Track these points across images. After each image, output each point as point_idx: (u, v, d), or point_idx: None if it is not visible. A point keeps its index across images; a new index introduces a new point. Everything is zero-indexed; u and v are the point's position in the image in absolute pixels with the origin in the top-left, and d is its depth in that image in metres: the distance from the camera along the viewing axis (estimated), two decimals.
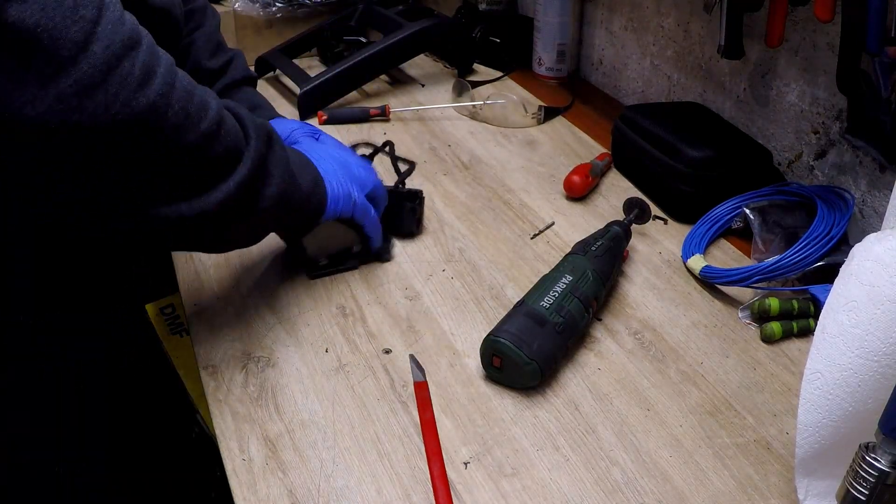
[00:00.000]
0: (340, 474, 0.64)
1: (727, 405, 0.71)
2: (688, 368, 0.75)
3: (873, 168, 0.89)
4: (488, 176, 1.09)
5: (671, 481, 0.63)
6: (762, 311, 0.79)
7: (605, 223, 0.87)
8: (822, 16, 0.80)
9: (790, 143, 1.01)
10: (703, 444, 0.67)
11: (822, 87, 0.93)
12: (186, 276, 0.88)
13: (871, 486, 0.48)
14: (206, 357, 0.76)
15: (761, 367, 0.75)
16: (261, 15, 1.42)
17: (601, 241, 0.82)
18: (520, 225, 0.97)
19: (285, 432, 0.67)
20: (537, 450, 0.66)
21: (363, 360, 0.75)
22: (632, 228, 0.89)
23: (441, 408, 0.70)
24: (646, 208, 0.90)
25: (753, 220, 0.89)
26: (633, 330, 0.80)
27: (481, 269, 0.89)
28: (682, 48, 1.17)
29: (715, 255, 0.91)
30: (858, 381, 0.52)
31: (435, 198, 1.03)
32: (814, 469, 0.58)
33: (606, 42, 1.36)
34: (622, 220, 0.88)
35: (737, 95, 1.08)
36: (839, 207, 0.85)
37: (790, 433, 0.67)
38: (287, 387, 0.72)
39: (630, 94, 1.33)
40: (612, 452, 0.66)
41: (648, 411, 0.70)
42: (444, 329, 0.79)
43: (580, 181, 1.01)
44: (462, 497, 0.62)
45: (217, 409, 0.70)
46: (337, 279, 0.87)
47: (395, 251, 0.92)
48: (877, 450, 0.48)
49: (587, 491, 0.62)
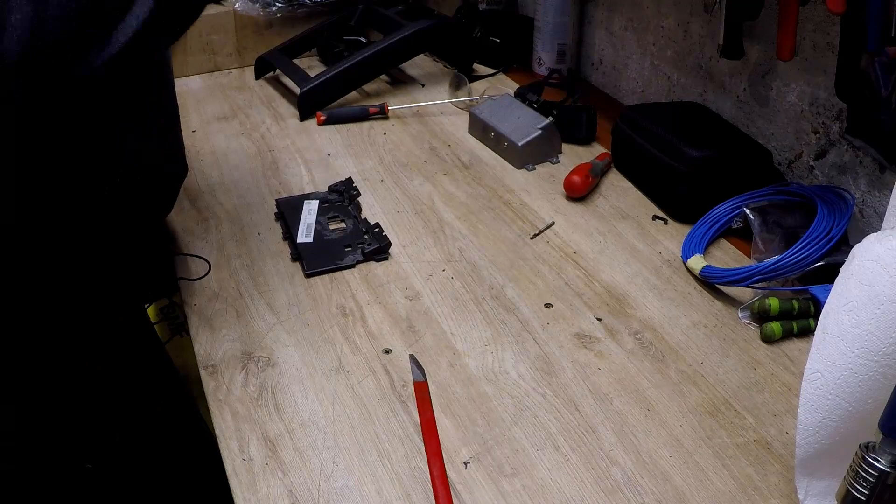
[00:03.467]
0: (340, 474, 0.64)
1: (727, 405, 0.71)
2: (688, 368, 0.75)
3: (873, 168, 0.89)
4: (488, 176, 1.09)
5: (671, 481, 0.63)
6: (762, 311, 0.79)
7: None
8: (835, 8, 0.79)
9: (790, 143, 1.01)
10: (703, 444, 0.67)
11: (822, 87, 0.93)
12: (186, 276, 0.88)
13: (871, 486, 0.48)
14: (206, 357, 0.76)
15: (761, 367, 0.75)
16: (261, 15, 1.42)
17: None
18: (520, 225, 0.97)
19: (285, 432, 0.67)
20: (537, 450, 0.66)
21: (363, 360, 0.75)
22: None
23: (441, 408, 0.70)
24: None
25: (753, 220, 0.89)
26: (633, 330, 0.80)
27: (481, 269, 0.89)
28: (682, 48, 1.17)
29: (715, 255, 0.91)
30: (858, 381, 0.52)
31: (435, 198, 1.03)
32: (814, 469, 0.58)
33: (606, 42, 1.36)
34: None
35: (737, 95, 1.08)
36: (839, 207, 0.85)
37: (790, 433, 0.67)
38: (287, 387, 0.72)
39: (630, 94, 1.33)
40: (612, 452, 0.66)
41: (648, 411, 0.70)
42: (444, 329, 0.79)
43: (580, 181, 1.01)
44: (462, 497, 0.62)
45: (217, 409, 0.70)
46: (337, 279, 0.87)
47: (395, 251, 0.92)
48: (877, 450, 0.48)
49: (587, 491, 0.62)
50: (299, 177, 1.09)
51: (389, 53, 1.30)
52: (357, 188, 1.03)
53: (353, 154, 1.15)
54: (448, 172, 1.10)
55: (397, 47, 1.30)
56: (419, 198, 1.03)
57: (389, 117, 1.26)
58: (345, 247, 0.91)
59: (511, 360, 0.75)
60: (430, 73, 1.44)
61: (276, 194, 1.04)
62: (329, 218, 0.97)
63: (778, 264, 0.80)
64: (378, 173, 1.10)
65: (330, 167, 1.11)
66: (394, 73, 1.42)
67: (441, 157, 1.14)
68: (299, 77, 1.28)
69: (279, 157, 1.14)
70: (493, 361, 0.75)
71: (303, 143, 1.18)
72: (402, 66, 1.40)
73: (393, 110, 1.26)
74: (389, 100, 1.30)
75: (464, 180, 1.08)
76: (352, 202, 1.00)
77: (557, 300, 0.84)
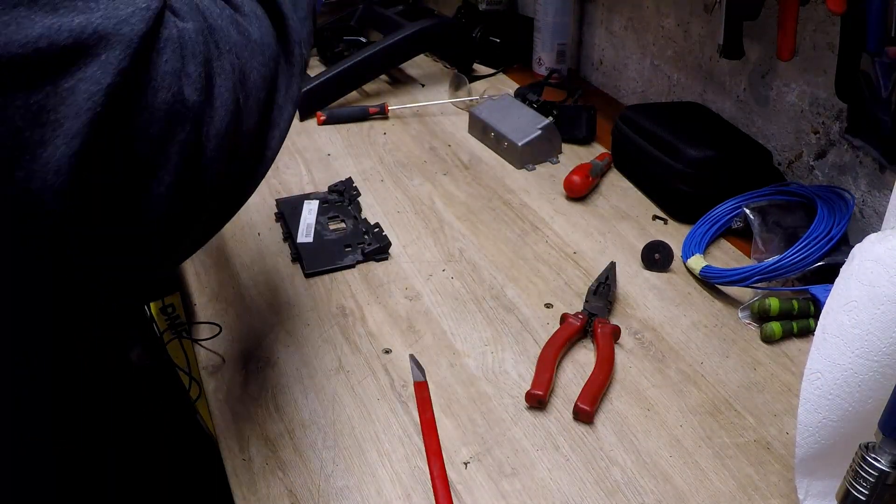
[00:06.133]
0: (340, 474, 0.64)
1: (727, 405, 0.71)
2: (688, 368, 0.75)
3: (873, 168, 0.89)
4: (488, 176, 1.09)
5: (671, 481, 0.63)
6: (762, 311, 0.79)
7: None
8: (835, 8, 0.79)
9: (790, 143, 1.01)
10: (703, 444, 0.67)
11: (822, 87, 0.93)
12: (187, 276, 0.88)
13: (871, 486, 0.48)
14: (206, 357, 0.76)
15: (761, 367, 0.75)
16: None
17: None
18: (520, 225, 0.97)
19: (285, 432, 0.67)
20: (537, 450, 0.66)
21: (363, 360, 0.75)
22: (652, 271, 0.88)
23: (441, 408, 0.70)
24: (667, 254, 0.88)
25: (753, 220, 0.89)
26: (633, 330, 0.80)
27: (481, 269, 0.89)
28: (682, 48, 1.17)
29: (715, 255, 0.91)
30: (858, 381, 0.52)
31: (435, 198, 1.03)
32: (814, 469, 0.58)
33: (606, 42, 1.36)
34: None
35: (737, 95, 1.08)
36: (839, 207, 0.85)
37: (790, 433, 0.67)
38: (287, 387, 0.72)
39: (630, 94, 1.33)
40: (612, 452, 0.66)
41: (648, 411, 0.70)
42: (444, 329, 0.79)
43: (580, 181, 1.01)
44: (462, 497, 0.62)
45: (217, 409, 0.70)
46: (337, 279, 0.87)
47: (395, 251, 0.92)
48: (877, 450, 0.48)
49: (587, 491, 0.62)
50: (299, 177, 1.09)
51: (389, 53, 1.30)
52: (357, 188, 1.03)
53: (353, 154, 1.15)
54: (448, 172, 1.10)
55: (397, 47, 1.30)
56: (419, 198, 1.03)
57: (389, 117, 1.26)
58: (345, 247, 0.91)
59: (511, 360, 0.75)
60: (430, 73, 1.44)
61: (276, 194, 1.04)
62: (329, 218, 0.97)
63: (778, 264, 0.80)
64: (378, 173, 1.10)
65: (330, 167, 1.11)
66: (394, 73, 1.42)
67: (441, 157, 1.14)
68: None
69: (279, 157, 1.13)
70: (493, 361, 0.75)
71: (303, 142, 1.18)
72: (402, 66, 1.40)
73: (393, 110, 1.26)
74: (389, 100, 1.30)
75: (464, 180, 1.08)
76: (352, 202, 1.00)
77: (557, 300, 0.84)
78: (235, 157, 0.49)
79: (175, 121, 0.43)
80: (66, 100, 0.38)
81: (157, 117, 0.42)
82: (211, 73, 0.45)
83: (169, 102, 0.42)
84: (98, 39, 0.39)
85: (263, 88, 0.52)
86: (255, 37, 0.51)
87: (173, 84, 0.42)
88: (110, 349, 0.85)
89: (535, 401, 0.69)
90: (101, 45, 0.39)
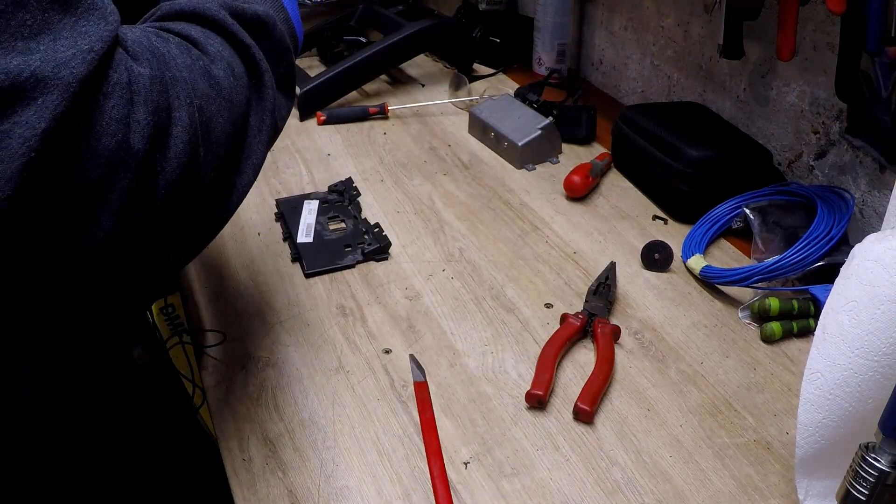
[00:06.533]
0: (340, 474, 0.64)
1: (727, 405, 0.71)
2: (688, 368, 0.75)
3: (873, 168, 0.89)
4: (488, 176, 1.09)
5: (671, 481, 0.63)
6: (762, 311, 0.79)
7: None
8: (835, 8, 0.79)
9: (790, 143, 1.01)
10: (703, 444, 0.67)
11: (822, 87, 0.93)
12: (187, 276, 0.88)
13: (871, 486, 0.48)
14: (207, 357, 0.76)
15: (761, 367, 0.75)
16: None
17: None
18: (520, 225, 0.97)
19: (285, 432, 0.67)
20: (537, 450, 0.66)
21: (363, 360, 0.75)
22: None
23: (441, 408, 0.70)
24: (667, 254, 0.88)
25: (753, 220, 0.89)
26: (633, 330, 0.80)
27: (481, 269, 0.89)
28: (682, 48, 1.17)
29: (715, 255, 0.91)
30: (858, 381, 0.52)
31: (435, 198, 1.03)
32: (814, 469, 0.58)
33: (606, 42, 1.36)
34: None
35: (737, 95, 1.08)
36: (839, 207, 0.85)
37: (790, 433, 0.67)
38: (287, 387, 0.72)
39: (630, 94, 1.33)
40: (612, 452, 0.66)
41: (648, 411, 0.70)
42: (444, 329, 0.79)
43: (580, 181, 1.01)
44: (462, 497, 0.62)
45: (217, 409, 0.70)
46: (337, 279, 0.87)
47: (395, 251, 0.92)
48: (877, 450, 0.48)
49: (587, 491, 0.62)
50: (299, 177, 1.09)
51: (389, 53, 1.30)
52: (357, 188, 1.03)
53: (353, 154, 1.15)
54: (448, 172, 1.10)
55: (397, 47, 1.30)
56: (419, 198, 1.03)
57: (389, 117, 1.26)
58: (345, 247, 0.91)
59: (511, 360, 0.75)
60: (430, 73, 1.44)
61: (276, 194, 1.04)
62: (329, 218, 0.97)
63: (778, 264, 0.80)
64: (378, 173, 1.10)
65: (330, 167, 1.11)
66: (394, 73, 1.42)
67: (441, 157, 1.14)
68: (299, 77, 1.28)
69: (279, 157, 1.14)
70: (493, 361, 0.75)
71: (303, 142, 1.18)
72: (402, 66, 1.40)
73: (393, 110, 1.26)
74: (389, 100, 1.30)
75: (464, 180, 1.08)
76: (352, 202, 1.00)
77: (557, 300, 0.84)
78: (190, 208, 0.49)
79: (119, 167, 0.42)
80: (1, 143, 0.37)
81: (98, 163, 0.41)
82: (166, 122, 0.45)
83: (112, 149, 0.41)
84: (35, 83, 0.37)
85: (226, 144, 0.51)
86: (226, 86, 0.50)
87: (119, 130, 0.42)
88: (111, 349, 0.86)
89: (535, 401, 0.69)
90: (38, 89, 0.38)
